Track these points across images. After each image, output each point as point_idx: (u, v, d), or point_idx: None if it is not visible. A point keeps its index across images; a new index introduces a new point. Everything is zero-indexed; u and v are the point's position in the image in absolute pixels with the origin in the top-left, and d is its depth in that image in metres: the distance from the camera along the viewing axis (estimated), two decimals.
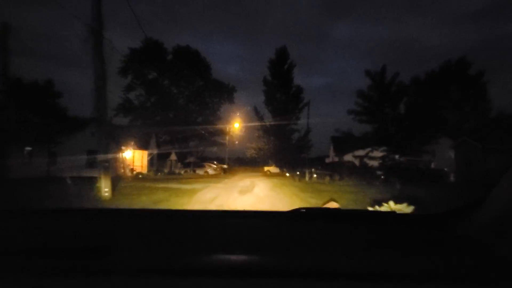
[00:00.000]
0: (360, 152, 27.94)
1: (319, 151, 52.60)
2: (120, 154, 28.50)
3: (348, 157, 36.75)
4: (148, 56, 49.61)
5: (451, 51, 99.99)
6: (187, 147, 42.62)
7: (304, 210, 1.53)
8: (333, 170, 25.18)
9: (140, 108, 48.79)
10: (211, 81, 53.21)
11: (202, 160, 41.19)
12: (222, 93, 52.18)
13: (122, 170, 28.86)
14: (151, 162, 33.49)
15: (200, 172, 33.34)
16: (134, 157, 29.70)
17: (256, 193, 14.11)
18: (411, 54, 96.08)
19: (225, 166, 43.96)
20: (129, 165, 29.37)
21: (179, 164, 41.47)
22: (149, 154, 31.64)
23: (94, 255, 1.14)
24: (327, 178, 21.76)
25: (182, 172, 34.32)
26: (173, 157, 43.78)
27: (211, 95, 52.21)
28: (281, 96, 40.38)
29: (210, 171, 33.92)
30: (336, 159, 42.23)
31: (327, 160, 45.78)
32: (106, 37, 11.14)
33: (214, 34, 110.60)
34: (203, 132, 43.90)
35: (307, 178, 23.95)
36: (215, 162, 44.51)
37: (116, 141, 28.53)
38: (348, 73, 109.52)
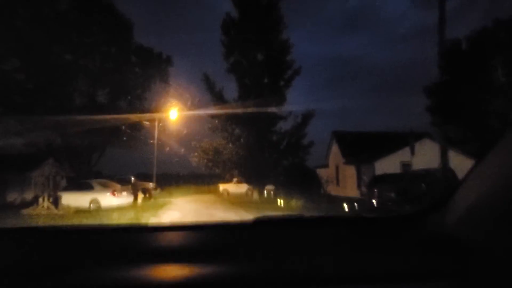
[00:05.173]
0: None
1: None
2: None
3: (384, 164, 19.84)
4: None
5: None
6: (72, 143, 21.56)
7: (266, 219, 1.46)
8: None
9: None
10: (132, 48, 33.40)
11: (95, 175, 20.81)
12: (150, 68, 32.57)
13: None
14: None
15: (74, 201, 13.33)
16: None
17: None
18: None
19: (151, 184, 24.03)
20: None
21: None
22: None
23: (50, 275, 1.07)
24: None
25: (44, 204, 13.92)
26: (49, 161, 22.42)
27: (130, 70, 32.29)
28: (256, 54, 21.85)
29: (106, 200, 14.07)
30: (344, 167, 24.96)
31: (325, 171, 28.31)
32: None
33: None
34: (112, 123, 23.65)
35: None
36: (132, 178, 24.65)
37: None
38: None
